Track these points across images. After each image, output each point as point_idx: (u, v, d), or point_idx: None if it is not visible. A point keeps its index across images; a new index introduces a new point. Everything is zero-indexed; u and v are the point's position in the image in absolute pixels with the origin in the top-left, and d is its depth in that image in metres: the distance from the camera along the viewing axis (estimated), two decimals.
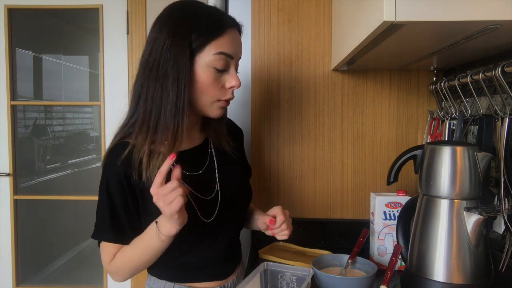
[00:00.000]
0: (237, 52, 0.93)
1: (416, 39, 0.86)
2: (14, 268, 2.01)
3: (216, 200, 0.96)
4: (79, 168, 2.26)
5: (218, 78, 0.90)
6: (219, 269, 1.00)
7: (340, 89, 1.40)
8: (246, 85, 1.42)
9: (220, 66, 0.89)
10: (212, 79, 0.89)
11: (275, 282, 0.97)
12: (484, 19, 0.67)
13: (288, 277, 0.97)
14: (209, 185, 0.97)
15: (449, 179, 0.93)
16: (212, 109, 0.93)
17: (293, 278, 0.97)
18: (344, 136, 1.41)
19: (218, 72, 0.89)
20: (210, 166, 1.00)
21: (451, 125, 1.21)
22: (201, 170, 0.98)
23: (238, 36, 0.95)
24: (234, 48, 0.91)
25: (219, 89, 0.91)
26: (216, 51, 0.87)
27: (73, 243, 2.26)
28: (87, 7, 1.91)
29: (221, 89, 0.91)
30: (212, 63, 0.88)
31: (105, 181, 0.90)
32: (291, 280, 0.97)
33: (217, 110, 0.94)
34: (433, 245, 0.94)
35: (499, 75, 0.88)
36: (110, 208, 0.90)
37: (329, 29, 1.39)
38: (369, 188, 1.42)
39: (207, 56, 0.87)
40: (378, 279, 1.01)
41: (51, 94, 2.31)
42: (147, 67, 0.87)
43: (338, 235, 1.41)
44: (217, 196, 0.97)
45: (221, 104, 0.93)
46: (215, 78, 0.89)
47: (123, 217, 0.91)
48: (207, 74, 0.88)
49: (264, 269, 0.97)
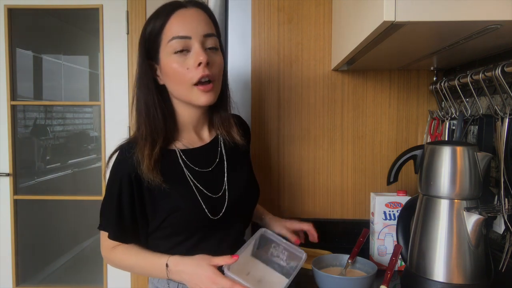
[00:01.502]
0: (193, 31, 0.90)
1: (416, 39, 0.86)
2: (14, 268, 2.02)
3: (224, 198, 0.97)
4: (79, 168, 2.26)
5: (183, 62, 0.90)
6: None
7: (340, 89, 1.40)
8: (246, 85, 1.42)
9: (178, 48, 0.89)
10: (175, 65, 0.90)
11: (266, 249, 0.97)
12: (484, 19, 0.67)
13: (281, 250, 0.96)
14: (217, 183, 0.98)
15: (449, 179, 0.93)
16: (194, 97, 0.93)
17: (285, 252, 0.96)
18: (344, 136, 1.41)
19: (181, 57, 0.90)
20: (220, 164, 1.01)
21: (451, 125, 1.21)
22: (210, 168, 0.99)
23: (194, 13, 0.92)
24: (187, 27, 0.90)
25: (187, 72, 0.90)
26: (168, 38, 0.89)
27: (73, 243, 2.26)
28: (87, 7, 1.91)
29: (189, 71, 0.90)
30: (169, 49, 0.90)
31: (118, 178, 0.91)
32: (283, 253, 0.96)
33: (200, 96, 0.92)
34: (433, 245, 0.94)
35: (499, 75, 0.88)
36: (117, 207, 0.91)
37: (329, 29, 1.39)
38: (369, 188, 1.42)
39: (164, 48, 0.91)
40: (378, 279, 1.01)
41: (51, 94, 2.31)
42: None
43: (338, 235, 1.41)
44: (225, 194, 0.98)
45: (200, 89, 0.91)
46: (179, 63, 0.90)
47: (128, 217, 0.91)
48: (169, 62, 0.90)
49: (261, 234, 0.97)
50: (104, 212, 0.95)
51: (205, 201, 0.93)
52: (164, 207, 0.91)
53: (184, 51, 0.90)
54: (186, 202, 0.92)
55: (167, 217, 0.91)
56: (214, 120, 1.03)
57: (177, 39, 0.89)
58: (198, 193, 0.93)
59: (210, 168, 0.98)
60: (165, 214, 0.91)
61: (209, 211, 0.93)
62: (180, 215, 0.91)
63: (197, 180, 0.94)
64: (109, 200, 0.93)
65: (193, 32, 0.89)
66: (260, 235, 0.97)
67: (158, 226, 0.93)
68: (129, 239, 0.95)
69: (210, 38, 0.92)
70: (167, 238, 0.94)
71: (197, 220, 0.92)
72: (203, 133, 1.03)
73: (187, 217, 0.92)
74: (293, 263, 0.94)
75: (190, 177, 0.94)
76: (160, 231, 0.94)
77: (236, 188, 1.00)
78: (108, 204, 0.93)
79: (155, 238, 0.95)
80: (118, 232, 0.93)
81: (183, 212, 0.91)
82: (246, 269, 0.90)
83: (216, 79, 0.93)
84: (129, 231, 0.93)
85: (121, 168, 0.91)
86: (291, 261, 0.95)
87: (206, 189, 0.95)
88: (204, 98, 0.92)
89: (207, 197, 0.94)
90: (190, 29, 0.89)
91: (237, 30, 1.40)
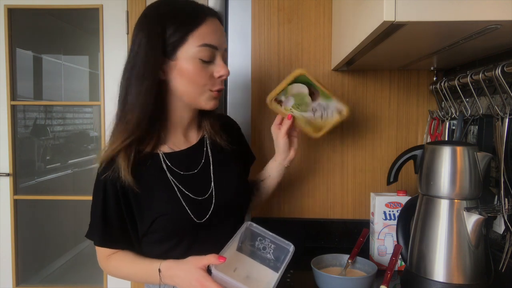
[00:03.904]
0: (220, 43, 0.93)
1: (416, 39, 0.86)
2: (14, 268, 2.01)
3: (210, 201, 0.96)
4: (79, 168, 2.26)
5: (205, 68, 0.91)
6: None
7: (340, 89, 1.40)
8: (246, 85, 1.42)
9: (206, 57, 0.90)
10: (199, 69, 0.90)
11: (252, 242, 0.96)
12: (484, 19, 0.67)
13: (267, 243, 0.95)
14: (203, 186, 0.97)
15: (449, 179, 0.93)
16: (204, 101, 0.94)
17: (271, 246, 0.95)
18: (344, 136, 1.41)
19: (204, 63, 0.90)
20: (205, 166, 1.00)
21: (451, 125, 1.21)
22: (195, 170, 0.98)
23: (220, 25, 0.95)
24: (217, 38, 0.92)
25: (208, 78, 0.92)
26: (199, 43, 0.89)
27: (73, 243, 2.26)
28: (87, 7, 1.91)
29: (210, 78, 0.92)
30: (197, 54, 0.89)
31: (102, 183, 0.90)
32: (269, 246, 0.95)
33: (210, 101, 0.94)
34: (433, 245, 0.94)
35: (499, 75, 0.88)
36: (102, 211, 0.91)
37: (329, 29, 1.39)
38: (369, 188, 1.42)
39: (191, 49, 0.89)
40: (378, 279, 1.01)
41: (51, 94, 2.31)
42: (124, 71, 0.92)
43: (338, 235, 1.41)
44: (212, 197, 0.96)
45: (213, 94, 0.94)
46: (202, 68, 0.90)
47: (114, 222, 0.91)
48: (193, 65, 0.89)
49: (246, 227, 0.95)
50: (91, 219, 0.94)
51: (190, 204, 0.92)
52: (150, 212, 0.90)
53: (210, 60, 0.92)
54: (170, 206, 0.91)
55: (153, 222, 0.90)
56: (203, 122, 1.04)
57: (208, 47, 0.90)
58: (182, 197, 0.92)
59: (195, 170, 0.97)
60: (151, 219, 0.90)
61: (194, 214, 0.92)
62: (165, 219, 0.90)
63: (181, 183, 0.93)
64: (94, 205, 0.93)
65: (220, 44, 0.92)
66: (245, 229, 0.95)
67: (147, 231, 0.92)
68: (117, 244, 0.94)
69: (226, 51, 0.96)
70: (159, 243, 0.94)
71: (182, 224, 0.91)
72: (191, 135, 1.03)
73: (172, 222, 0.91)
74: (281, 256, 0.93)
75: (174, 181, 0.93)
76: (150, 236, 0.93)
77: (223, 189, 0.98)
78: (94, 209, 0.93)
79: (148, 243, 0.95)
80: (104, 236, 0.92)
81: (168, 217, 0.90)
82: (232, 265, 0.89)
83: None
84: (116, 236, 0.92)
85: (104, 172, 0.90)
86: (278, 254, 0.94)
87: (191, 192, 0.94)
88: (213, 102, 0.95)
89: (191, 201, 0.93)
90: (219, 40, 0.92)
91: (237, 30, 1.40)
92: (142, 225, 0.92)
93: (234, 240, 0.91)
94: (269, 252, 0.95)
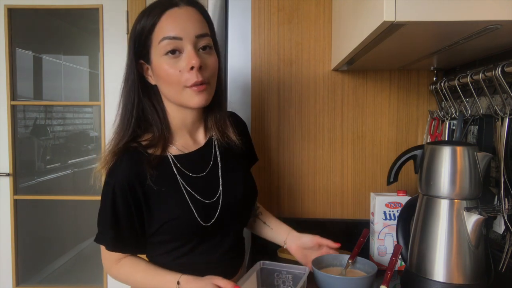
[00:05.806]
0: (186, 31, 0.86)
1: (416, 39, 0.86)
2: (14, 268, 2.02)
3: (217, 204, 0.95)
4: (79, 168, 2.26)
5: (175, 64, 0.87)
6: (220, 272, 0.99)
7: (340, 89, 1.40)
8: (246, 85, 1.42)
9: (170, 51, 0.87)
10: (167, 67, 0.87)
11: (271, 280, 0.97)
12: (484, 19, 0.67)
13: (284, 275, 0.97)
14: (211, 188, 0.96)
15: (449, 179, 0.93)
16: (186, 99, 0.90)
17: (289, 277, 0.96)
18: (344, 136, 1.41)
19: (172, 58, 0.87)
20: (214, 168, 0.98)
21: (451, 125, 1.21)
22: (204, 173, 0.97)
23: (186, 12, 0.89)
24: (179, 27, 0.87)
25: (179, 75, 0.87)
26: (159, 39, 0.87)
27: (73, 243, 2.26)
28: (87, 7, 1.91)
29: (182, 74, 0.87)
30: (161, 51, 0.87)
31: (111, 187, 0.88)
32: (287, 278, 0.96)
33: (193, 98, 0.89)
34: (433, 245, 0.94)
35: (499, 75, 0.88)
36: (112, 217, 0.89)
37: (329, 29, 1.39)
38: (369, 188, 1.42)
39: (156, 48, 0.88)
40: (378, 279, 1.01)
41: (51, 94, 2.31)
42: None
43: (338, 235, 1.41)
44: (219, 199, 0.96)
45: (192, 91, 0.88)
46: (172, 65, 0.87)
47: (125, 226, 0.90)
48: (161, 63, 0.88)
49: (261, 268, 0.97)
50: (100, 223, 0.92)
51: (198, 208, 0.91)
52: (160, 215, 0.89)
53: (176, 52, 0.87)
54: (179, 211, 0.90)
55: (161, 225, 0.90)
56: (208, 122, 1.01)
57: (168, 39, 0.86)
58: (191, 200, 0.91)
59: (204, 173, 0.96)
60: (160, 222, 0.89)
61: (201, 218, 0.91)
62: (173, 224, 0.90)
63: (190, 186, 0.92)
64: (103, 210, 0.91)
65: (185, 33, 0.86)
66: (260, 269, 0.97)
67: (154, 233, 0.91)
68: (129, 248, 0.93)
69: (203, 38, 0.89)
70: (163, 244, 0.93)
71: (188, 228, 0.90)
72: (198, 136, 1.01)
73: (180, 226, 0.90)
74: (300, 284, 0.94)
75: (183, 184, 0.92)
76: (155, 237, 0.92)
77: (231, 191, 0.97)
78: (103, 214, 0.91)
79: (152, 243, 0.94)
80: (116, 240, 0.90)
81: (176, 222, 0.90)
82: None
83: (210, 81, 0.91)
84: (128, 239, 0.91)
85: (114, 176, 0.89)
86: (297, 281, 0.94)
87: (199, 195, 0.93)
88: (197, 99, 0.89)
89: (199, 204, 0.92)
90: (181, 29, 0.86)
91: (237, 30, 1.40)
92: (150, 227, 0.91)
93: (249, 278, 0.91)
94: (289, 284, 0.96)
